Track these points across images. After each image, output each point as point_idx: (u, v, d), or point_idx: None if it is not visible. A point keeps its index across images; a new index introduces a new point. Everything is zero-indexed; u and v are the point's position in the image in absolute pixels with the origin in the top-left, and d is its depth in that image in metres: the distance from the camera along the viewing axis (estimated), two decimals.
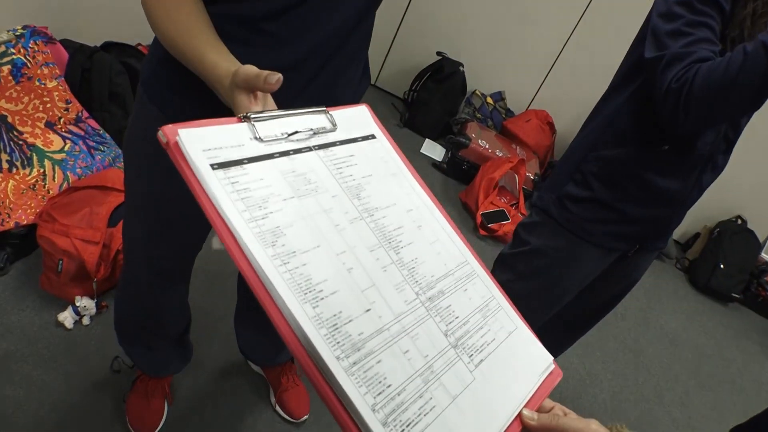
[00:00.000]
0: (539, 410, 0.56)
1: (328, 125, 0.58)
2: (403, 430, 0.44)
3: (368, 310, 0.48)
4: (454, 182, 3.02)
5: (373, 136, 0.62)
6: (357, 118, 0.62)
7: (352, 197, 0.54)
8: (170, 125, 0.46)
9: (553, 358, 0.61)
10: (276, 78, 0.55)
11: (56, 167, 1.73)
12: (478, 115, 3.29)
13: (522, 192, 2.88)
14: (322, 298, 0.45)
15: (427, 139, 3.22)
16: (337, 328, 0.45)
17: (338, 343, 0.44)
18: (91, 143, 1.84)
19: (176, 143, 0.45)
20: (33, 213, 1.65)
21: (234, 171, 0.47)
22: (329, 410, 0.43)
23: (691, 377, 2.53)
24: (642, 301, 2.88)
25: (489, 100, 3.30)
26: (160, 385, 1.46)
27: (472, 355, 0.54)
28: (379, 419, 0.43)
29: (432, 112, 3.17)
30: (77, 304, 1.58)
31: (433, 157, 3.12)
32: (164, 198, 0.95)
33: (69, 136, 1.79)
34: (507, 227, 2.67)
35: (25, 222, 1.64)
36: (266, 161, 0.50)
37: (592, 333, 1.52)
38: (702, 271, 3.22)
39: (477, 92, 3.31)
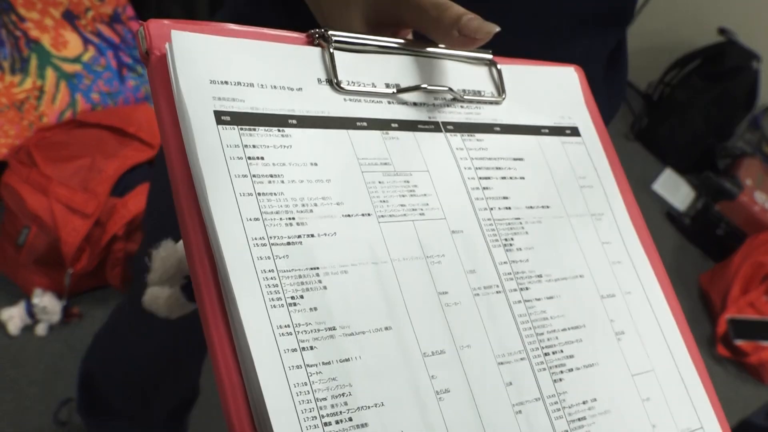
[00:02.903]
0: None
1: (488, 88, 0.36)
2: None
3: None
4: (695, 251, 2.35)
5: (575, 132, 0.39)
6: (552, 87, 0.38)
7: (494, 243, 0.33)
8: (162, 21, 0.27)
9: None
10: (488, 30, 0.32)
11: (62, 82, 1.34)
12: (767, 149, 2.57)
13: None
14: None
15: (667, 169, 2.58)
16: None
17: None
18: (127, 59, 1.45)
19: (161, 58, 0.27)
20: (8, 144, 1.28)
21: (262, 135, 0.28)
22: None
23: None
24: None
25: None
26: None
27: None
28: None
29: (689, 124, 2.53)
30: (34, 301, 1.25)
31: (670, 201, 2.49)
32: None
33: (95, 40, 1.41)
34: None
35: None
36: (336, 131, 0.30)
37: None
38: None
39: None
